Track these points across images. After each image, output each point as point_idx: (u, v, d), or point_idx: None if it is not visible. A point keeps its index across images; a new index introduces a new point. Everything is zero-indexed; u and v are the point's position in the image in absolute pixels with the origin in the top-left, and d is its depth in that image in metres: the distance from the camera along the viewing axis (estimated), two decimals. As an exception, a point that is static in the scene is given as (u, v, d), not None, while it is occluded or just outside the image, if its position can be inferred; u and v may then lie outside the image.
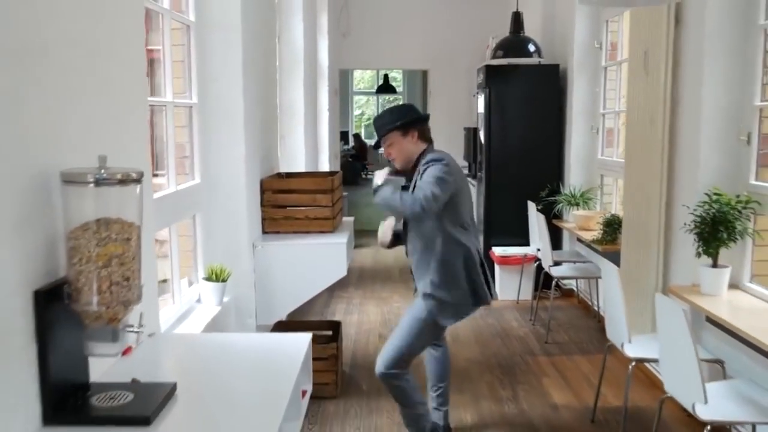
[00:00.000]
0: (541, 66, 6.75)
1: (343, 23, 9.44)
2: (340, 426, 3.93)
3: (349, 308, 6.37)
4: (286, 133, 6.15)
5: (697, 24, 3.94)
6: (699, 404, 2.82)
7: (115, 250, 1.56)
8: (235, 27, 3.70)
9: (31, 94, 1.56)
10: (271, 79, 4.74)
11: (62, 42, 1.70)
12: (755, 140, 3.78)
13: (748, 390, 3.10)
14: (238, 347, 2.26)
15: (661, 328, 3.10)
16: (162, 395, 1.69)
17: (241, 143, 3.80)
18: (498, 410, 4.16)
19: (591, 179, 6.53)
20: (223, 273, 3.65)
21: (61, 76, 1.69)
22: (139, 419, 1.59)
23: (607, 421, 3.98)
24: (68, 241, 1.57)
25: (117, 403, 1.67)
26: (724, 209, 3.65)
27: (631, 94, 4.74)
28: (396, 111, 3.52)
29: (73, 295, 1.58)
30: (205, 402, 1.77)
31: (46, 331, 1.57)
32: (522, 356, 5.10)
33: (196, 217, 3.71)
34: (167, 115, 3.29)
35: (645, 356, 3.55)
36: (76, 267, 1.56)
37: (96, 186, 1.55)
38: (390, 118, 3.44)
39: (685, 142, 4.12)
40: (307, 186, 4.27)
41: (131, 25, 2.15)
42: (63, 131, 1.70)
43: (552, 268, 5.61)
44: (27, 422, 1.55)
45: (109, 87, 1.97)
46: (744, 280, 3.87)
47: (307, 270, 4.01)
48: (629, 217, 4.76)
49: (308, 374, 2.25)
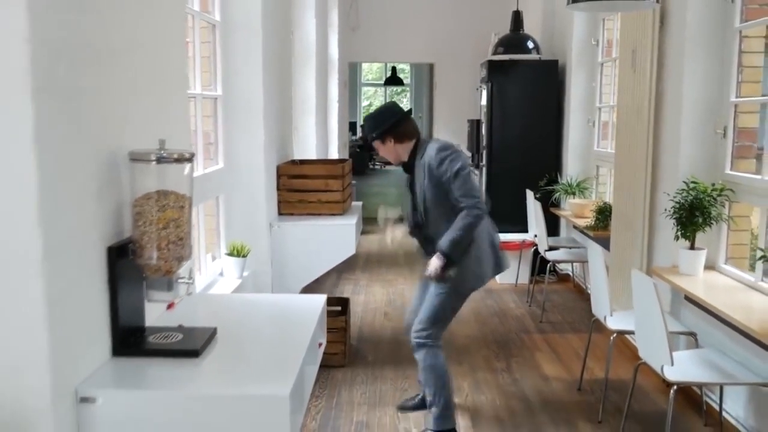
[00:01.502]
0: (541, 62, 7.09)
1: (353, 18, 9.78)
2: (347, 391, 4.31)
3: (356, 289, 6.75)
4: (299, 123, 6.52)
5: (679, 26, 4.29)
6: (666, 366, 3.18)
7: (172, 215, 1.94)
8: (255, 26, 4.06)
9: (104, 90, 1.93)
10: (287, 73, 5.11)
11: (125, 46, 2.07)
12: (731, 133, 4.13)
13: (714, 357, 3.47)
14: (265, 304, 2.64)
15: (635, 300, 3.47)
16: (206, 336, 2.07)
17: (260, 132, 4.17)
18: (493, 379, 4.54)
19: (587, 170, 6.88)
20: (243, 249, 4.02)
21: (125, 74, 2.06)
22: (190, 352, 1.97)
23: (592, 390, 4.35)
24: (134, 207, 1.94)
25: (170, 340, 2.04)
26: (700, 196, 4.00)
27: (621, 90, 5.09)
28: (371, 121, 3.71)
29: (137, 251, 1.95)
30: (240, 343, 2.15)
31: (115, 281, 1.94)
32: (517, 333, 5.48)
33: (220, 198, 4.08)
34: (196, 105, 3.66)
35: (625, 328, 3.91)
36: (141, 228, 1.93)
37: (157, 163, 1.92)
38: (368, 128, 3.71)
39: (667, 134, 4.47)
40: (320, 172, 4.64)
41: (176, 29, 2.52)
42: (128, 119, 2.07)
43: (547, 252, 5.98)
44: (100, 354, 1.92)
45: (160, 82, 2.35)
46: (720, 262, 4.22)
47: (319, 248, 4.39)
48: (618, 204, 5.12)
49: (323, 329, 2.61)
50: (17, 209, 1.61)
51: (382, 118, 3.69)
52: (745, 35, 4.08)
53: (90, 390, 1.77)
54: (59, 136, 1.69)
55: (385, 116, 3.69)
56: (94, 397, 1.76)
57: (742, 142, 4.15)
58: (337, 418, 3.96)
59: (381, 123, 3.67)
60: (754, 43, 4.06)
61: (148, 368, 1.94)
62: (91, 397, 1.76)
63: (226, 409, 1.77)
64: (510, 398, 4.25)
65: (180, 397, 1.79)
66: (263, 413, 1.77)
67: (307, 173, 4.65)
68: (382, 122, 3.67)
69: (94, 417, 1.76)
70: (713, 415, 3.81)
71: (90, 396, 1.76)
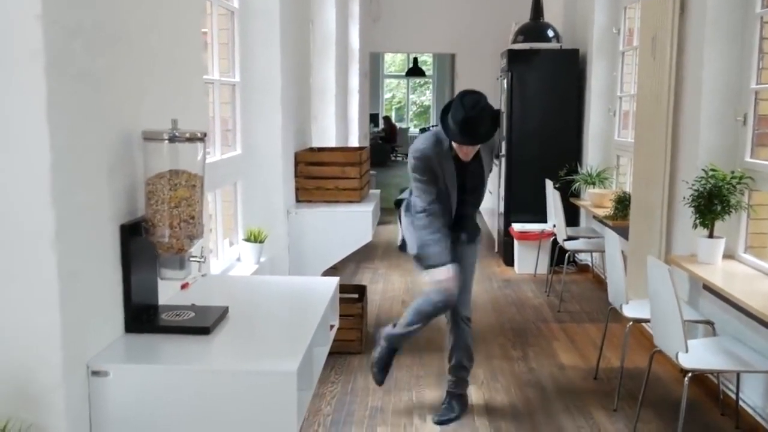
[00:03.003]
0: (562, 51, 7.05)
1: (374, 9, 9.79)
2: (363, 378, 4.33)
3: (374, 278, 6.78)
4: (318, 112, 6.54)
5: (699, 12, 4.24)
6: (681, 354, 3.17)
7: (183, 194, 1.96)
8: (273, 13, 4.08)
9: (119, 71, 1.96)
10: (305, 61, 5.13)
11: (141, 31, 2.09)
12: (751, 120, 4.09)
13: (731, 345, 3.44)
14: (278, 286, 2.67)
15: (651, 286, 3.45)
16: (217, 314, 2.10)
17: (277, 118, 4.19)
18: (508, 368, 4.54)
19: (608, 159, 6.84)
20: (260, 235, 4.05)
21: (140, 56, 2.09)
22: (201, 329, 2.00)
23: (608, 378, 4.34)
24: (146, 186, 1.97)
25: (182, 318, 2.08)
26: (719, 184, 3.96)
27: (641, 78, 5.05)
28: (492, 120, 3.49)
29: (150, 229, 1.98)
30: (251, 322, 2.18)
31: (128, 259, 1.97)
32: (535, 323, 5.47)
33: (237, 184, 4.12)
34: (214, 91, 3.69)
35: (641, 317, 3.89)
36: (153, 207, 1.96)
37: (170, 142, 1.94)
38: (489, 132, 3.48)
39: (686, 122, 4.43)
40: (337, 159, 4.66)
41: (193, 13, 2.55)
42: (142, 100, 2.10)
43: (565, 242, 5.95)
44: (113, 330, 1.96)
45: (176, 65, 2.37)
46: (739, 251, 4.18)
47: (336, 235, 4.41)
48: (637, 193, 5.08)
49: (335, 312, 2.63)
50: (30, 187, 1.64)
51: (493, 126, 3.51)
52: (766, 21, 4.02)
53: (102, 364, 1.81)
54: (72, 115, 1.72)
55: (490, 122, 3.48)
56: (106, 371, 1.80)
57: (762, 130, 4.10)
58: (351, 403, 3.99)
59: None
60: (775, 29, 4.01)
61: (159, 344, 1.97)
62: (102, 370, 1.80)
63: (234, 384, 1.80)
64: (525, 386, 4.25)
65: (190, 372, 1.83)
66: (271, 389, 1.79)
67: (324, 160, 4.67)
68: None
69: (105, 390, 1.80)
70: (730, 404, 3.79)
71: (102, 370, 1.80)
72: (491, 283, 6.62)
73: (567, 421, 3.78)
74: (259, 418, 1.82)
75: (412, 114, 22.81)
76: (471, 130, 3.42)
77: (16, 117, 1.62)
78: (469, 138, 3.44)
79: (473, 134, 3.43)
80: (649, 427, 3.70)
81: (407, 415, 3.86)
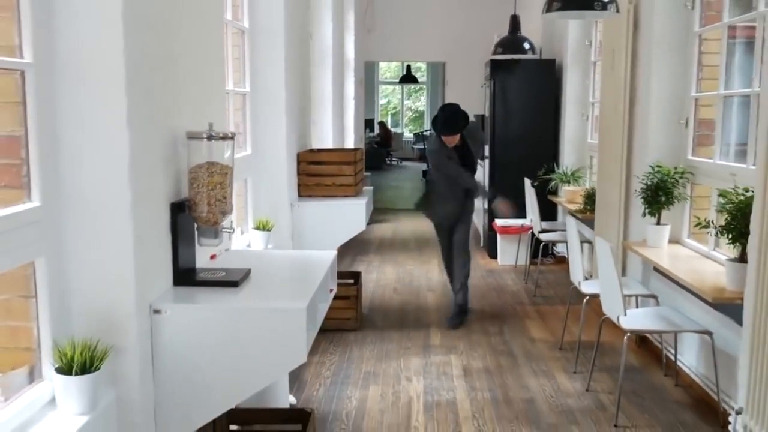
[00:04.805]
0: (540, 61, 7.71)
1: (368, 20, 10.44)
2: (358, 349, 4.96)
3: (369, 269, 7.41)
4: (317, 118, 7.18)
5: (648, 30, 4.89)
6: (621, 317, 3.80)
7: (218, 179, 2.59)
8: (279, 32, 4.72)
9: (168, 86, 2.60)
10: (306, 72, 5.76)
11: (182, 52, 2.73)
12: (692, 124, 4.73)
13: (668, 313, 4.07)
14: (287, 257, 3.30)
15: (599, 262, 4.08)
16: (243, 273, 2.72)
17: (282, 123, 4.82)
18: (485, 340, 5.18)
19: (581, 159, 7.48)
20: (268, 224, 4.67)
21: (181, 74, 2.72)
22: (231, 283, 2.62)
23: (572, 348, 4.97)
24: (189, 174, 2.59)
25: (215, 276, 2.70)
26: (665, 179, 4.60)
27: (603, 87, 5.70)
28: (462, 118, 5.54)
29: (192, 207, 2.61)
30: (269, 279, 2.81)
31: (176, 229, 2.60)
32: (512, 305, 6.11)
33: (248, 180, 4.75)
34: (229, 99, 4.32)
35: (595, 292, 4.51)
36: (195, 189, 2.59)
37: (208, 140, 2.57)
38: (455, 127, 5.49)
39: (639, 125, 5.08)
40: (335, 159, 5.29)
41: (217, 36, 3.18)
42: (184, 108, 2.73)
43: (540, 234, 6.59)
44: (167, 282, 2.59)
45: (206, 79, 3.01)
46: (683, 236, 4.83)
47: (333, 224, 5.04)
48: (600, 188, 5.73)
49: (334, 279, 3.24)
50: (114, 171, 2.26)
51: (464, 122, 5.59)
52: (704, 38, 4.67)
53: (160, 304, 2.43)
54: (141, 120, 2.35)
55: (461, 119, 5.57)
56: (164, 310, 2.42)
57: (702, 131, 4.74)
58: (348, 368, 4.62)
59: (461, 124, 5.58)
60: (711, 45, 4.65)
61: (200, 293, 2.60)
62: (161, 309, 2.42)
63: (258, 319, 2.42)
64: (499, 355, 4.89)
65: (223, 310, 2.45)
66: (286, 322, 2.41)
67: (323, 160, 5.30)
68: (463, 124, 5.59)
69: (163, 324, 2.42)
70: (671, 366, 4.42)
71: (160, 308, 2.42)
72: (476, 273, 7.25)
73: (532, 381, 4.42)
74: (277, 346, 2.44)
75: (407, 119, 23.39)
76: (449, 126, 5.48)
77: (105, 121, 2.24)
78: (449, 130, 5.47)
79: (451, 128, 5.48)
80: (601, 385, 4.33)
81: (395, 377, 4.49)
